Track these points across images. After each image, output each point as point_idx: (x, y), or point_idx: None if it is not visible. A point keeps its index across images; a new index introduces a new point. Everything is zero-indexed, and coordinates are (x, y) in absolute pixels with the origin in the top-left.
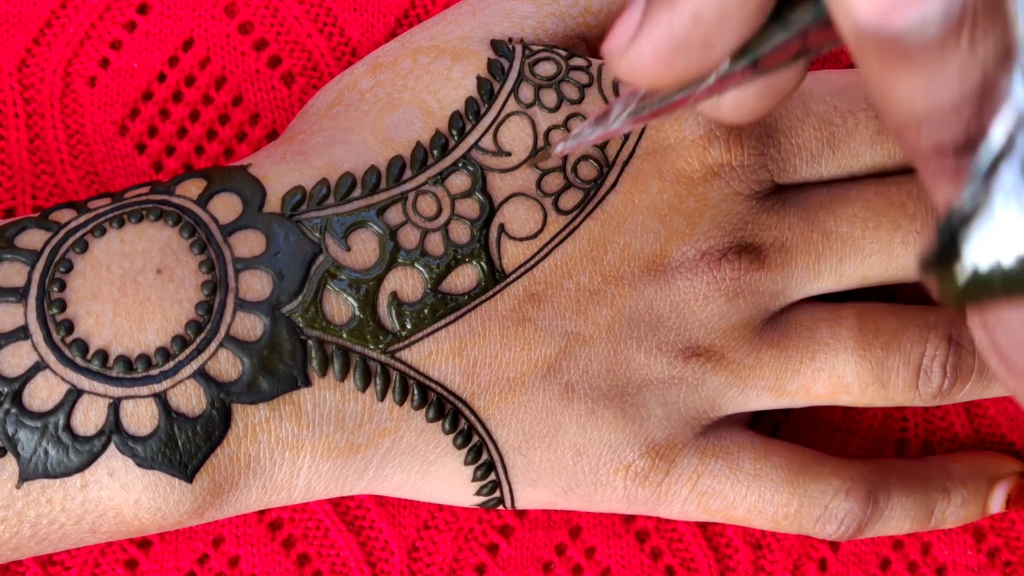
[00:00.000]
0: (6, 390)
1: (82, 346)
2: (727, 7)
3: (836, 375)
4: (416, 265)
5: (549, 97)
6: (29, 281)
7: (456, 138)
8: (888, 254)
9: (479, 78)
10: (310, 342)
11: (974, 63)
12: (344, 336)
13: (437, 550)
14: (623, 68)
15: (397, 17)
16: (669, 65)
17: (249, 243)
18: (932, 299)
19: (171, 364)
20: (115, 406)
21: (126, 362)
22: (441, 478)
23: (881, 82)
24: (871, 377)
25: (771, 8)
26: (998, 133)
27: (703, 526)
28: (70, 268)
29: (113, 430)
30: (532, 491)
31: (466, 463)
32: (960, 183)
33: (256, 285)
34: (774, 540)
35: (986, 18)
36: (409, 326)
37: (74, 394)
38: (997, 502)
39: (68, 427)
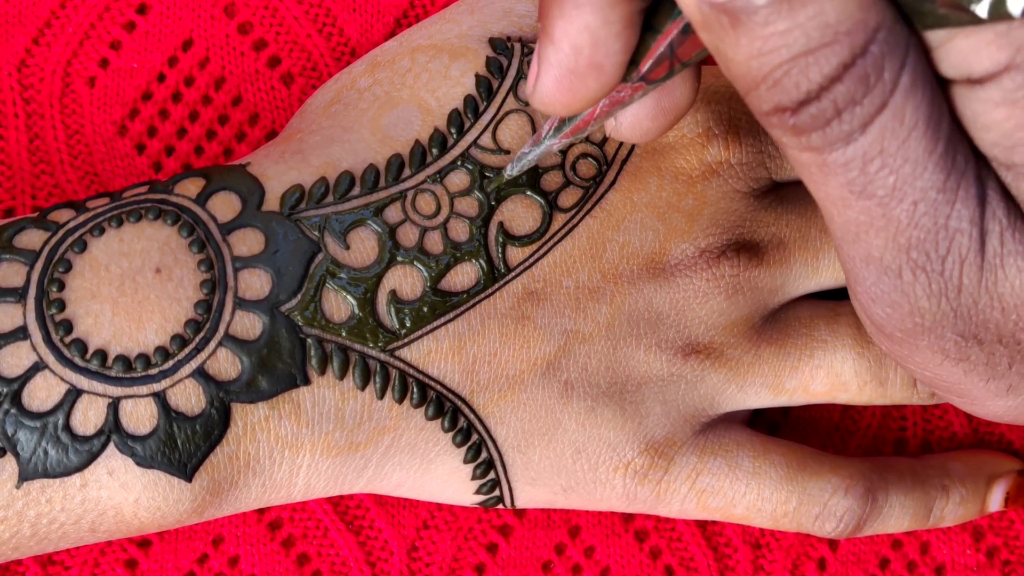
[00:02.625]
0: (5, 390)
1: (81, 346)
2: (596, 33)
3: (834, 373)
4: (415, 263)
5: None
6: (28, 281)
7: (455, 136)
8: None
9: (478, 76)
10: (309, 340)
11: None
12: (343, 334)
13: (437, 550)
14: (536, 103)
15: (396, 17)
16: (572, 92)
17: (248, 242)
18: None
19: (170, 363)
20: (114, 406)
21: (125, 362)
22: (440, 476)
23: (723, 51)
24: (869, 375)
25: (641, 22)
26: None
27: (702, 525)
28: (69, 268)
29: (112, 430)
30: (531, 489)
31: (465, 461)
32: (801, 138)
33: (255, 284)
34: (773, 539)
35: None
36: (408, 324)
37: (73, 394)
38: (996, 500)
39: (67, 427)
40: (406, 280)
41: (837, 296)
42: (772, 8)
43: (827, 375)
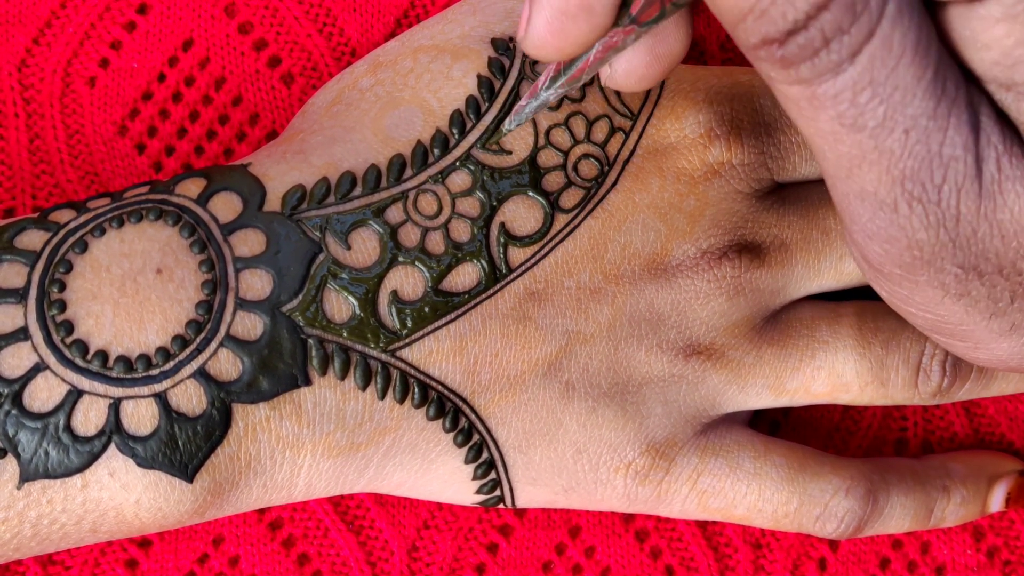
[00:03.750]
0: (6, 391)
1: (82, 347)
2: None
3: (836, 373)
4: (417, 264)
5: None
6: (29, 282)
7: (457, 137)
8: None
9: (480, 76)
10: (310, 341)
11: None
12: (344, 335)
13: (437, 550)
14: (528, 48)
15: (396, 17)
16: (562, 34)
17: (249, 242)
18: None
19: (171, 364)
20: (115, 406)
21: (126, 362)
22: (441, 476)
23: None
24: (870, 376)
25: None
26: None
27: (703, 525)
28: (70, 269)
29: (113, 430)
30: (532, 490)
31: (466, 461)
32: (789, 71)
33: (256, 284)
34: (773, 539)
35: None
36: (410, 324)
37: (74, 395)
38: (997, 501)
39: (68, 428)
40: (407, 280)
41: (839, 297)
42: None
43: (828, 376)
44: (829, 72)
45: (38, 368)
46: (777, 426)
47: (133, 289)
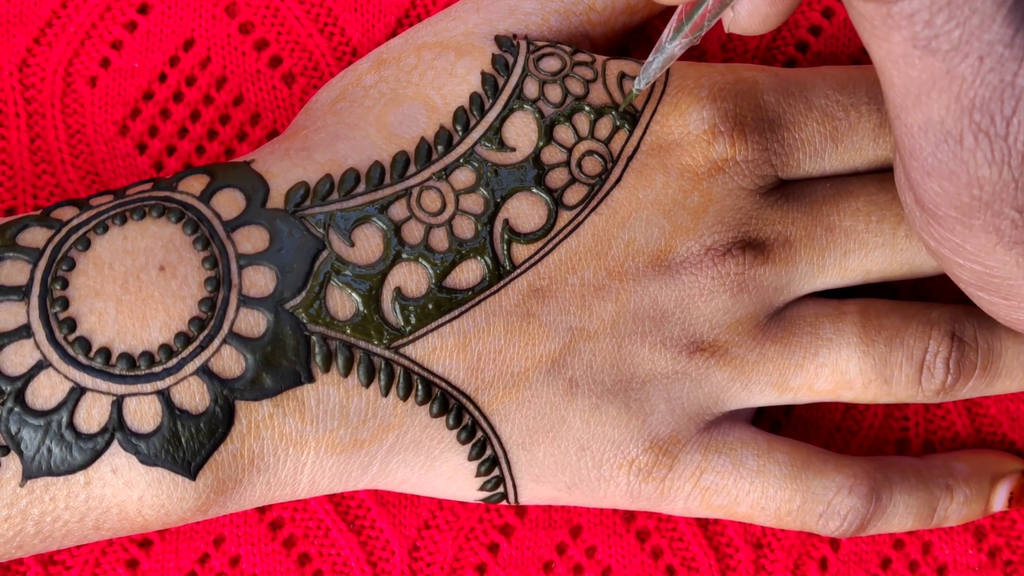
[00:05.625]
0: (9, 389)
1: (85, 344)
2: None
3: (839, 371)
4: (420, 260)
5: (554, 92)
6: (31, 279)
7: (460, 133)
8: (892, 248)
9: (483, 73)
10: (314, 338)
11: None
12: (348, 332)
13: (438, 549)
14: None
15: (398, 17)
16: None
17: (252, 239)
18: (935, 296)
19: (174, 361)
20: (118, 403)
21: (129, 359)
22: (445, 474)
23: None
24: (874, 373)
25: None
26: None
27: (704, 525)
28: (72, 266)
29: (116, 427)
30: (536, 487)
31: (470, 458)
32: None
33: (259, 281)
34: (775, 539)
35: None
36: (413, 321)
37: (77, 392)
38: (999, 500)
39: (71, 425)
40: (411, 277)
41: (842, 295)
42: None
43: (832, 373)
44: None
45: (41, 365)
46: (779, 425)
47: (136, 286)
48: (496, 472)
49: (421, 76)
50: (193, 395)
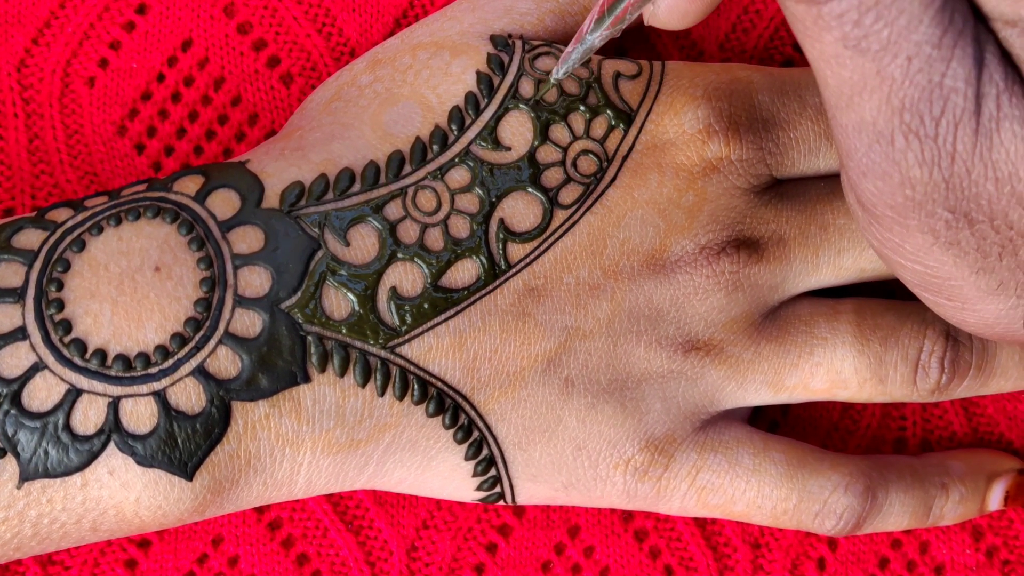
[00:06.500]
0: (5, 391)
1: (80, 346)
2: None
3: (834, 370)
4: (416, 260)
5: (549, 92)
6: (26, 281)
7: (456, 133)
8: None
9: (479, 73)
10: (309, 338)
11: None
12: (344, 331)
13: (436, 549)
14: None
15: (395, 17)
16: None
17: (248, 239)
18: None
19: (170, 362)
20: (114, 405)
21: (125, 361)
22: (442, 473)
23: None
24: (869, 372)
25: None
26: None
27: (701, 525)
28: (68, 267)
29: (113, 429)
30: (532, 486)
31: (467, 458)
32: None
33: (255, 281)
34: (772, 539)
35: None
36: (409, 321)
37: (73, 394)
38: (995, 499)
39: (68, 427)
40: (407, 277)
41: (837, 294)
42: None
43: (827, 372)
44: None
45: (37, 367)
46: (776, 425)
47: (131, 287)
48: (493, 472)
49: (416, 75)
50: (189, 396)
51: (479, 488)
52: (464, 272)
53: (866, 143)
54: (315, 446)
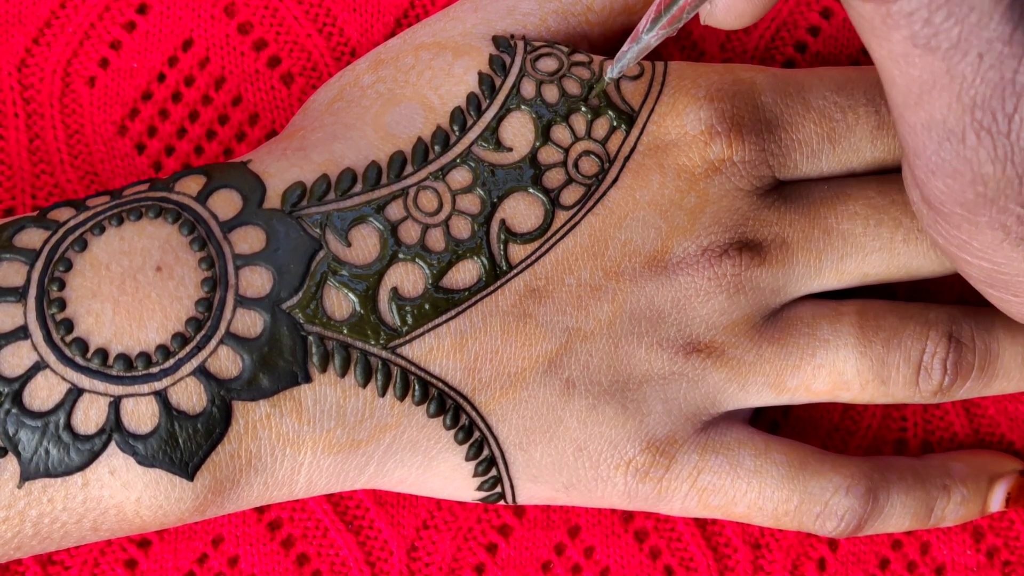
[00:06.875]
0: (6, 390)
1: (82, 345)
2: None
3: (836, 372)
4: (417, 260)
5: (551, 92)
6: (28, 280)
7: (457, 133)
8: (889, 252)
9: (481, 74)
10: (310, 338)
11: None
12: (345, 332)
13: (436, 549)
14: None
15: (396, 17)
16: None
17: (249, 239)
18: (932, 297)
19: (171, 362)
20: (115, 404)
21: (126, 360)
22: (442, 474)
23: None
24: (871, 374)
25: None
26: None
27: (702, 525)
28: (69, 267)
29: (114, 428)
30: (533, 487)
31: (467, 459)
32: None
33: (256, 281)
34: (773, 539)
35: None
36: (410, 321)
37: (74, 393)
38: (997, 500)
39: (69, 426)
40: (408, 277)
41: (840, 295)
42: None
43: (829, 374)
44: None
45: (38, 367)
46: (776, 426)
47: (133, 287)
48: (493, 472)
49: (418, 76)
50: (190, 396)
51: (480, 488)
52: (465, 273)
53: (936, 141)
54: (316, 446)
